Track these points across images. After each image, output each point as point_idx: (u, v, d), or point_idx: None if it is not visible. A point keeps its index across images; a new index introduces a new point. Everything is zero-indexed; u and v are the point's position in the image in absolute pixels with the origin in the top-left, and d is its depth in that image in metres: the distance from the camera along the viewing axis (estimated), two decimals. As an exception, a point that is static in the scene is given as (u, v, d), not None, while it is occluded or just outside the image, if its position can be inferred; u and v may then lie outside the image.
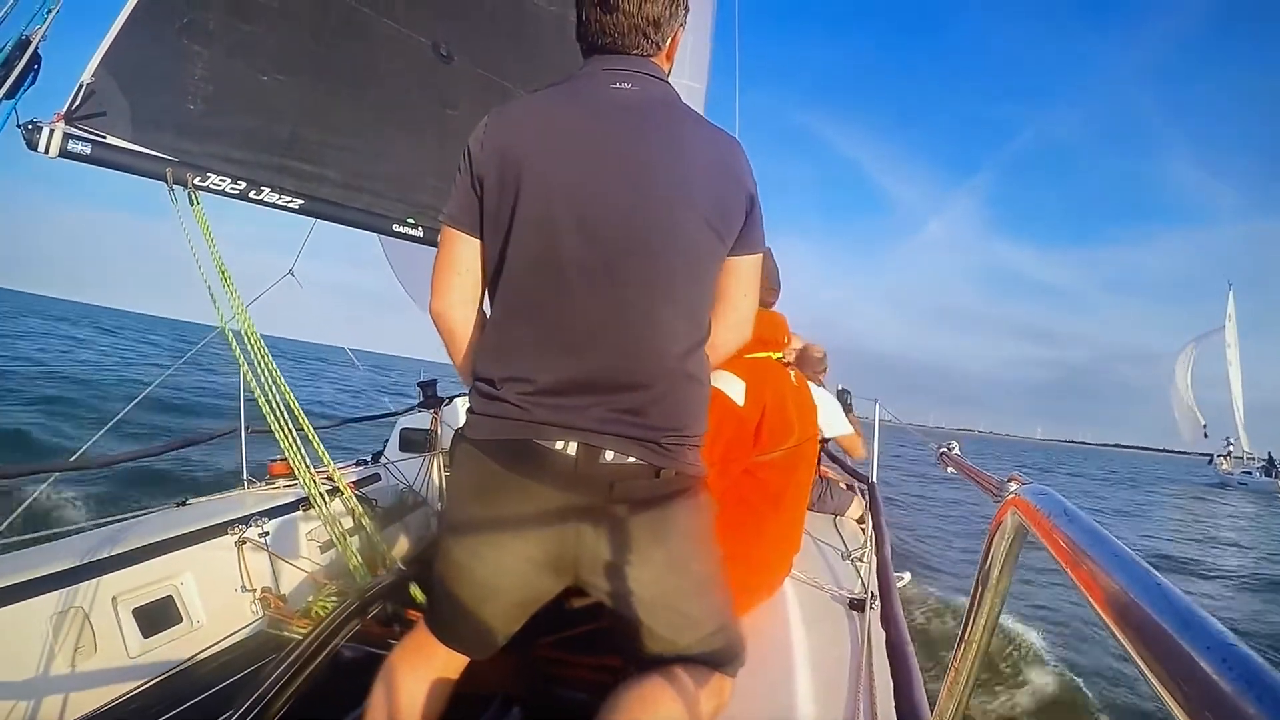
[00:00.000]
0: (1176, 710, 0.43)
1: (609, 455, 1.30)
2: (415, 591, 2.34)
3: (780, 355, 2.44)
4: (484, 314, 1.45)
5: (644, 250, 1.31)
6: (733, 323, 1.50)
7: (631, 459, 1.31)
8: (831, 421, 4.75)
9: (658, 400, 1.32)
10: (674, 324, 1.34)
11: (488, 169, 1.33)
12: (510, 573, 1.36)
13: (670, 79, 1.49)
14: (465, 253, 1.40)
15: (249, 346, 2.53)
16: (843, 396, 5.06)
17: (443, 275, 1.42)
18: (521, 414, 1.30)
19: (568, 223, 1.29)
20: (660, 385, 1.32)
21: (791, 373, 2.51)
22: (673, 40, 1.49)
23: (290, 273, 3.87)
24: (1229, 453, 49.25)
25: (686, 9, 1.49)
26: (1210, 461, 49.90)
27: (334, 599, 2.65)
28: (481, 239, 1.38)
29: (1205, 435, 54.44)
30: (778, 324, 2.43)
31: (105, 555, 2.27)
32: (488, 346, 1.37)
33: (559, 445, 1.29)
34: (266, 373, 2.55)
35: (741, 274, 1.48)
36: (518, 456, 1.31)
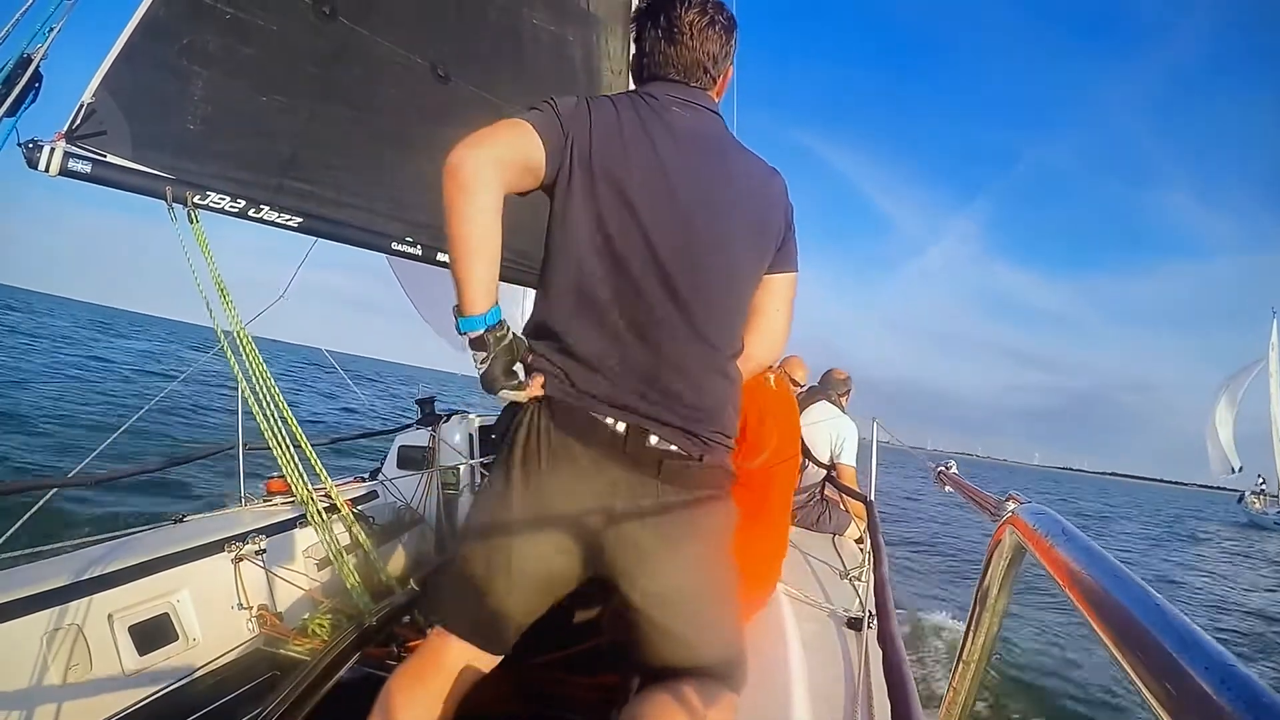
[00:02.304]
0: (1175, 730, 0.43)
1: (654, 440, 1.36)
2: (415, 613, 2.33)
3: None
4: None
5: (698, 263, 1.40)
6: (766, 336, 1.58)
7: (674, 446, 1.38)
8: (843, 447, 4.75)
9: (702, 398, 1.40)
10: (718, 331, 1.43)
11: (577, 140, 1.38)
12: (543, 548, 1.38)
13: None
14: (526, 142, 1.35)
15: (247, 363, 2.53)
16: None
17: (488, 137, 1.31)
18: (576, 385, 1.37)
19: (633, 231, 1.37)
20: (704, 385, 1.41)
21: (770, 377, 2.55)
22: (724, 76, 1.58)
23: (284, 295, 3.87)
24: (1263, 490, 43.62)
25: (736, 47, 1.58)
26: (1240, 499, 44.77)
27: (330, 616, 2.64)
28: (548, 179, 1.40)
29: (1234, 472, 49.45)
30: None
31: (101, 572, 2.26)
32: (547, 327, 1.42)
33: (609, 421, 1.35)
34: (265, 389, 2.55)
35: (776, 290, 1.57)
36: (571, 421, 1.36)
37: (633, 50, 1.60)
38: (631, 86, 1.64)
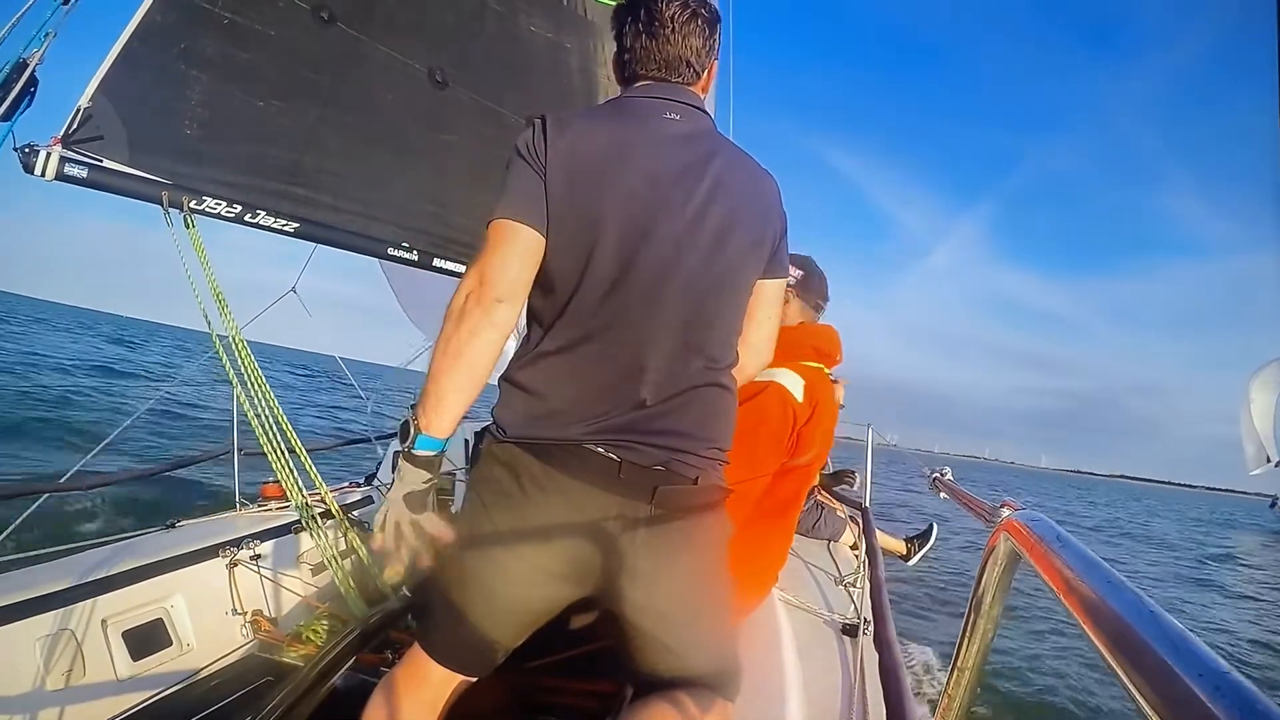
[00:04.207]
0: (1169, 737, 0.43)
1: (648, 466, 1.33)
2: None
3: (829, 371, 2.49)
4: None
5: (694, 276, 1.36)
6: (755, 343, 1.55)
7: (669, 470, 1.34)
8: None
9: (699, 414, 1.38)
10: (716, 345, 1.41)
11: (554, 174, 1.32)
12: (529, 582, 1.35)
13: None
14: (529, 243, 1.33)
15: (242, 368, 2.52)
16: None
17: (489, 280, 1.31)
18: (566, 418, 1.32)
19: (625, 244, 1.33)
20: (701, 400, 1.38)
21: (837, 392, 2.53)
22: (709, 71, 1.54)
23: (293, 289, 3.85)
24: None
25: (719, 41, 1.54)
26: (1273, 505, 43.10)
27: (325, 622, 2.63)
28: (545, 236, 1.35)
29: (1273, 464, 43.66)
30: (833, 339, 2.44)
31: (95, 577, 2.24)
32: (534, 354, 1.38)
33: (602, 450, 1.31)
34: (260, 394, 2.55)
35: (767, 297, 1.54)
36: (561, 457, 1.32)
37: (613, 49, 1.56)
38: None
